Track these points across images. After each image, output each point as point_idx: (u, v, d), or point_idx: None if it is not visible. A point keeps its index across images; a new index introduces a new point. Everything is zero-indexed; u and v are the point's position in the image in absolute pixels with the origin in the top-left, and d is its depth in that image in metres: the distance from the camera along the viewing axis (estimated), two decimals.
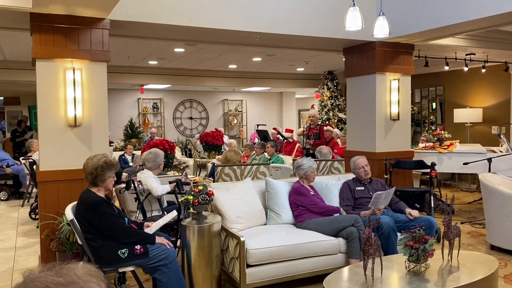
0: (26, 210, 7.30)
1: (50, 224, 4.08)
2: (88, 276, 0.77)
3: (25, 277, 0.78)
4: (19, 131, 12.02)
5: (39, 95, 4.13)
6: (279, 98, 15.55)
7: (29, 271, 0.80)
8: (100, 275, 0.81)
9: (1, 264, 4.68)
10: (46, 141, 4.16)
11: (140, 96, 13.17)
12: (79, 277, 0.76)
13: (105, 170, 3.33)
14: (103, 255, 3.19)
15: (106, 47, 4.30)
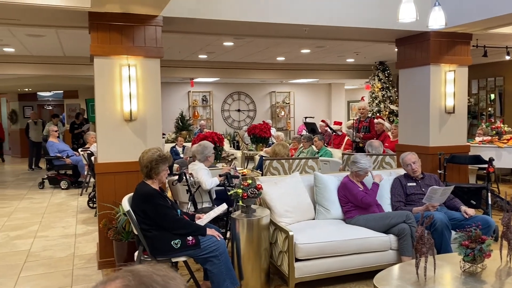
0: (84, 198, 7.72)
1: (108, 213, 4.28)
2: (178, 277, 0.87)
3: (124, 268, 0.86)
4: (77, 123, 12.66)
5: (96, 90, 4.33)
6: (327, 89, 15.34)
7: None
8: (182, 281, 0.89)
9: (63, 250, 4.99)
10: (104, 134, 4.36)
11: (190, 89, 13.45)
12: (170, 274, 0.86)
13: (159, 164, 3.45)
14: (157, 245, 3.32)
15: (159, 43, 4.42)
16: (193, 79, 11.85)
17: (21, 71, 9.25)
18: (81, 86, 13.57)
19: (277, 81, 13.97)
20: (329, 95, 15.34)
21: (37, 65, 9.14)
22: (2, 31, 6.34)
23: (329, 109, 15.25)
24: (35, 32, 6.45)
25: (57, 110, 17.83)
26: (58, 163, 8.97)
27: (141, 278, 0.82)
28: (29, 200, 7.81)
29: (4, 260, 4.65)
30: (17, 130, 15.29)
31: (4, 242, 5.33)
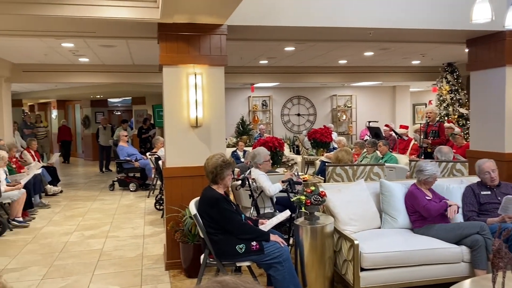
0: (151, 200, 8.06)
1: (175, 216, 4.44)
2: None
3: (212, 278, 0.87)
4: (145, 128, 13.24)
5: (165, 98, 4.51)
6: (391, 92, 14.87)
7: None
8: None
9: (132, 250, 5.24)
10: (171, 140, 4.53)
11: (250, 94, 13.62)
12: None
13: (224, 169, 3.53)
14: (222, 249, 3.39)
15: (224, 51, 4.53)
16: (254, 84, 11.98)
17: (94, 79, 9.84)
18: (148, 93, 14.20)
19: (339, 85, 13.76)
20: (393, 98, 14.86)
21: (108, 74, 9.68)
22: (78, 42, 6.79)
23: (393, 113, 14.77)
24: (107, 43, 6.84)
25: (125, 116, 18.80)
26: (127, 166, 9.44)
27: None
28: (101, 202, 8.28)
29: (80, 258, 4.96)
30: (89, 134, 16.28)
31: (79, 241, 5.69)
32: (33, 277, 4.36)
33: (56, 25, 4.45)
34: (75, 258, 4.95)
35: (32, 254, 5.12)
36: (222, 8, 3.91)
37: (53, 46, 7.12)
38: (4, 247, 5.44)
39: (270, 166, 5.04)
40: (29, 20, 4.22)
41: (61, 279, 4.32)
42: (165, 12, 3.93)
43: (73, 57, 8.24)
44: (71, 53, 7.76)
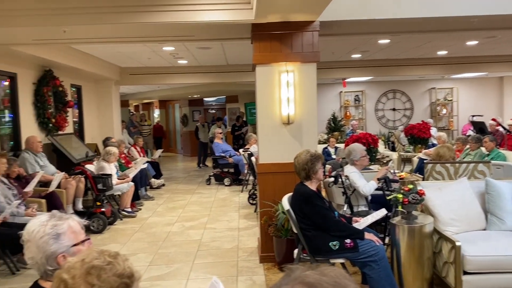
0: (244, 195, 8.33)
1: (268, 211, 4.56)
2: (345, 279, 0.84)
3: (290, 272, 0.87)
4: (237, 125, 13.71)
5: (258, 96, 4.63)
6: (498, 83, 13.61)
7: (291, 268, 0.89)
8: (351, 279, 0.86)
9: (228, 242, 5.48)
10: (264, 137, 4.65)
11: (341, 90, 13.39)
12: (339, 278, 0.84)
13: (314, 162, 3.55)
14: (316, 245, 3.41)
15: (316, 48, 4.53)
16: (346, 79, 11.76)
17: (192, 80, 10.42)
18: (240, 91, 14.65)
19: (438, 77, 12.94)
20: (501, 90, 13.58)
21: (204, 74, 10.19)
22: (178, 46, 7.25)
23: (501, 106, 13.51)
24: (204, 45, 7.21)
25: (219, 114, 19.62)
26: (222, 162, 9.87)
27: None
28: (199, 195, 8.76)
29: (181, 248, 5.32)
30: (188, 132, 17.25)
31: (180, 231, 6.09)
32: (141, 263, 4.78)
33: (159, 31, 4.80)
34: (177, 247, 5.32)
35: (140, 242, 5.61)
36: (315, 5, 3.91)
37: (155, 50, 7.69)
38: (116, 234, 6.02)
39: (368, 162, 4.92)
40: (135, 28, 4.61)
41: (165, 266, 4.68)
42: (259, 12, 4.05)
43: (173, 59, 8.81)
44: (172, 56, 8.30)
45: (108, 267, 1.25)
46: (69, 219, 1.72)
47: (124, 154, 8.84)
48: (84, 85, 9.12)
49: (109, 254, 1.30)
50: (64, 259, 1.64)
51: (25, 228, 1.69)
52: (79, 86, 8.93)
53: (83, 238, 1.72)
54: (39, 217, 1.71)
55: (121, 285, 1.25)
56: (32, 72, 6.92)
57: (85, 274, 1.23)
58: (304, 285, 0.82)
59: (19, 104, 6.51)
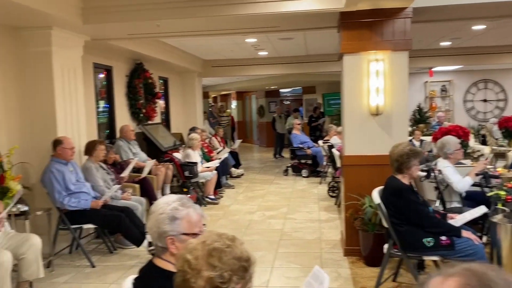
0: (323, 187, 8.26)
1: (354, 204, 4.47)
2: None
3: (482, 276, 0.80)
4: (314, 116, 13.57)
5: (345, 86, 4.53)
6: None
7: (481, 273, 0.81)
8: None
9: (310, 233, 5.47)
10: (350, 128, 4.54)
11: (427, 79, 12.69)
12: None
13: (410, 158, 3.40)
14: (409, 241, 3.29)
15: (408, 35, 4.33)
16: (432, 68, 11.12)
17: (271, 71, 10.48)
18: (318, 82, 14.48)
19: None
20: None
21: (284, 65, 10.18)
22: (261, 37, 7.31)
23: None
24: (286, 36, 7.19)
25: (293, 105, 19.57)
26: (300, 153, 9.84)
27: (484, 280, 0.77)
28: (277, 185, 8.83)
29: (263, 236, 5.41)
30: (264, 123, 17.43)
31: (261, 220, 6.18)
32: None
33: (247, 22, 4.87)
34: (259, 235, 5.41)
35: (224, 229, 5.78)
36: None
37: (238, 43, 7.82)
38: None
39: (462, 155, 4.63)
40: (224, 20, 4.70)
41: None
42: (349, 0, 3.94)
43: (254, 51, 8.91)
44: (253, 47, 8.40)
45: (228, 250, 1.29)
46: (191, 208, 1.79)
47: (206, 143, 9.15)
48: (170, 77, 9.56)
49: (227, 237, 1.35)
50: (172, 242, 1.73)
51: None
52: (166, 78, 9.37)
53: (196, 232, 1.77)
54: (168, 196, 1.83)
55: (240, 268, 1.29)
56: (125, 65, 7.38)
57: (207, 256, 1.28)
58: (470, 272, 0.77)
59: (114, 95, 6.98)
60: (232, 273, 1.26)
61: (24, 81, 4.74)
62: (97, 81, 6.58)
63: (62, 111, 4.87)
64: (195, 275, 1.26)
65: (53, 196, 4.36)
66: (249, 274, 1.31)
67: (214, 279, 1.25)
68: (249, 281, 1.32)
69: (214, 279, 1.25)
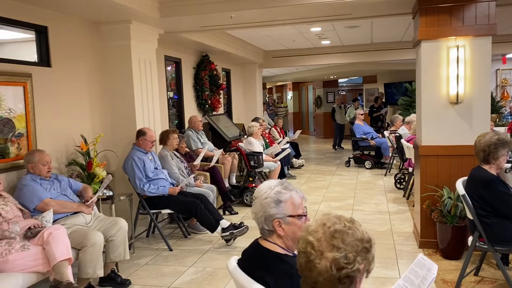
0: (389, 179, 8.08)
1: (431, 195, 4.34)
2: None
3: None
4: (376, 106, 13.23)
5: (422, 73, 4.38)
6: None
7: None
8: None
9: (380, 225, 5.38)
10: (428, 117, 4.39)
11: (499, 67, 11.97)
12: None
13: (498, 148, 3.25)
14: (497, 234, 3.16)
15: (492, 19, 4.11)
16: (506, 55, 10.48)
17: (333, 60, 10.33)
18: (380, 71, 14.10)
19: None
20: None
21: (346, 54, 10.01)
22: (326, 26, 7.22)
23: None
24: (353, 24, 7.06)
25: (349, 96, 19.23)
26: (363, 144, 9.67)
27: None
28: (340, 176, 8.74)
29: None
30: (321, 114, 17.27)
31: (328, 210, 6.10)
32: None
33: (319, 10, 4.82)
34: None
35: None
36: None
37: (302, 32, 7.78)
38: None
39: None
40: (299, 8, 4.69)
41: None
42: None
43: (317, 40, 8.83)
44: (317, 37, 8.32)
45: (350, 232, 1.31)
46: (293, 191, 1.83)
47: (268, 134, 9.22)
48: (232, 69, 9.70)
49: (346, 219, 1.36)
50: (279, 225, 1.78)
51: (258, 187, 1.89)
52: (229, 70, 9.52)
53: (300, 213, 1.82)
54: (269, 181, 1.88)
55: (363, 249, 1.30)
56: (192, 57, 7.58)
57: (330, 237, 1.30)
58: None
59: (183, 87, 7.20)
60: (356, 254, 1.28)
61: (105, 73, 5.02)
62: (167, 73, 6.81)
63: (140, 102, 5.10)
64: (319, 256, 1.29)
65: (134, 182, 4.60)
66: (371, 254, 1.33)
67: (340, 260, 1.27)
68: (372, 261, 1.33)
69: (339, 260, 1.27)
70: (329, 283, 1.29)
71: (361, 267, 1.29)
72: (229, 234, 4.61)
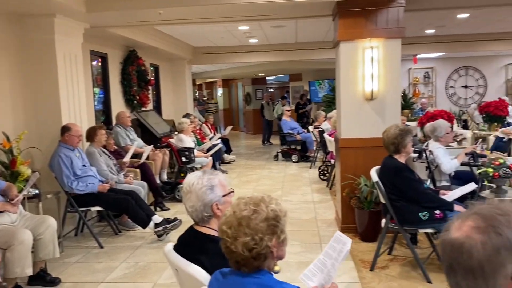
0: (313, 171, 8.54)
1: (350, 184, 4.73)
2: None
3: (471, 207, 1.03)
4: (301, 103, 13.81)
5: (341, 72, 4.75)
6: None
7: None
8: None
9: (306, 213, 5.73)
10: (346, 112, 4.77)
11: (411, 66, 13.04)
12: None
13: (404, 136, 3.67)
14: (405, 216, 3.56)
15: (401, 23, 4.56)
16: (416, 56, 11.45)
17: (261, 58, 10.63)
18: (305, 70, 14.69)
19: None
20: None
21: (273, 53, 10.35)
22: (253, 25, 7.46)
23: None
24: (279, 24, 7.36)
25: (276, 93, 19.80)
26: (290, 139, 10.09)
27: (487, 220, 0.99)
28: (269, 170, 9.06)
29: None
30: (251, 110, 17.60)
31: None
32: None
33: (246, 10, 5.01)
34: None
35: None
36: None
37: (230, 30, 7.95)
38: None
39: (452, 139, 4.92)
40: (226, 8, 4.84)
41: None
42: None
43: (245, 38, 9.05)
44: (245, 35, 8.54)
45: (254, 216, 1.51)
46: (219, 174, 2.01)
47: (199, 130, 9.30)
48: (161, 65, 9.63)
49: (254, 202, 1.55)
50: (217, 207, 1.95)
51: (184, 182, 2.01)
52: (157, 66, 9.44)
53: (229, 190, 2.01)
54: (194, 173, 2.02)
55: (270, 227, 1.51)
56: (119, 52, 7.45)
57: (237, 225, 1.51)
58: (479, 215, 1.00)
59: (109, 82, 7.06)
60: (262, 235, 1.49)
61: (29, 68, 4.82)
62: (93, 68, 6.65)
63: (65, 97, 4.96)
64: (233, 242, 1.50)
65: (61, 180, 4.49)
66: (279, 228, 1.53)
67: (248, 243, 1.47)
68: (282, 233, 1.54)
69: (248, 243, 1.47)
70: (246, 261, 1.49)
71: (271, 243, 1.50)
72: (162, 229, 4.67)
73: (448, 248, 1.01)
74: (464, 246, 0.97)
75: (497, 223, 0.98)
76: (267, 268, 1.54)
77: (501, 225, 0.97)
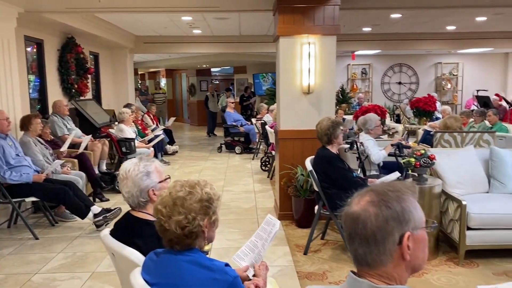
0: (256, 162, 8.72)
1: (287, 173, 4.94)
2: (406, 188, 1.18)
3: (372, 186, 1.21)
4: (246, 96, 13.98)
5: (281, 67, 4.93)
6: (503, 59, 13.83)
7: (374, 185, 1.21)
8: (414, 189, 1.19)
9: (246, 202, 5.89)
10: (285, 105, 4.97)
11: (349, 62, 13.60)
12: (401, 188, 1.17)
13: (335, 128, 3.92)
14: (335, 202, 3.80)
15: (337, 21, 4.80)
16: (355, 52, 11.97)
17: (205, 49, 10.65)
18: (249, 62, 14.84)
19: (444, 52, 13.15)
20: (505, 66, 13.81)
21: (217, 44, 10.39)
22: (196, 16, 7.47)
23: (505, 82, 13.76)
24: (222, 16, 7.42)
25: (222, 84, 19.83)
26: (233, 130, 10.21)
27: (380, 195, 1.17)
28: (212, 161, 9.15)
29: None
30: (195, 102, 17.51)
31: None
32: None
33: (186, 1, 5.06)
34: None
35: None
36: None
37: (173, 20, 7.90)
38: None
39: (381, 131, 5.27)
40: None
41: None
42: None
43: (188, 29, 9.02)
44: (188, 25, 8.52)
45: (188, 197, 1.62)
46: (155, 161, 2.09)
47: (140, 121, 9.17)
48: (101, 53, 9.36)
49: (189, 185, 1.66)
50: (153, 192, 2.03)
51: (120, 168, 2.06)
52: (97, 54, 9.17)
53: (165, 177, 2.09)
54: (131, 160, 2.08)
55: (203, 208, 1.63)
56: (57, 39, 7.18)
57: (173, 204, 1.61)
58: (374, 192, 1.18)
59: (45, 70, 6.80)
60: (195, 214, 1.61)
61: None
62: (28, 54, 6.37)
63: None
64: (167, 220, 1.60)
65: None
66: (212, 210, 1.65)
67: (182, 221, 1.59)
68: (213, 214, 1.66)
69: (181, 221, 1.59)
70: (179, 239, 1.60)
71: (203, 223, 1.62)
72: (102, 218, 4.63)
73: (348, 220, 1.18)
74: (360, 218, 1.14)
75: (388, 197, 1.16)
76: (198, 246, 1.65)
77: (391, 199, 1.15)
